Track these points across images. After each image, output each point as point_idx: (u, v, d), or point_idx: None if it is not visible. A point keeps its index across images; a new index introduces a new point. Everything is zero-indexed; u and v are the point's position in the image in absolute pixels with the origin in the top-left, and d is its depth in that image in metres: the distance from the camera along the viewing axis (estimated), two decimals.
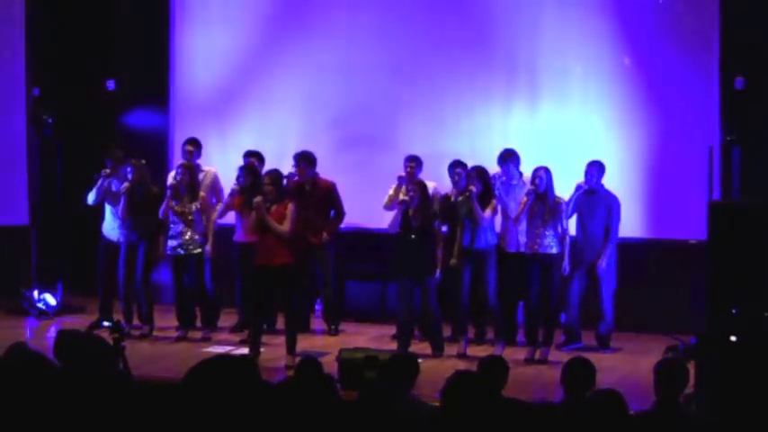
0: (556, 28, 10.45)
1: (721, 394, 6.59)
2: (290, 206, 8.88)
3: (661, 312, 9.98)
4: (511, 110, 10.61)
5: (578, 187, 9.34)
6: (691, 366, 5.87)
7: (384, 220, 9.59)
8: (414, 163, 9.81)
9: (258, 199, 8.75)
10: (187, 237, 9.69)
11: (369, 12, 11.11)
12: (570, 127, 10.40)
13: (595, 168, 9.26)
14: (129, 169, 9.77)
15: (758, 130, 9.84)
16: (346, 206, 10.22)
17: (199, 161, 10.27)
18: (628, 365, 8.76)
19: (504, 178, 9.48)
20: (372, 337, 9.80)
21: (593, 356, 6.27)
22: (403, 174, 9.81)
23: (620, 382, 7.45)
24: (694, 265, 9.35)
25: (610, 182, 9.60)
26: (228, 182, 9.86)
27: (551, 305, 9.01)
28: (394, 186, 9.88)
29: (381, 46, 11.04)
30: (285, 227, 8.71)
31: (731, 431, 5.65)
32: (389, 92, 10.99)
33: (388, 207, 9.82)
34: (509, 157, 9.45)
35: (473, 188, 8.93)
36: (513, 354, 8.79)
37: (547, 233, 8.91)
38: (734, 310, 6.96)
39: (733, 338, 6.84)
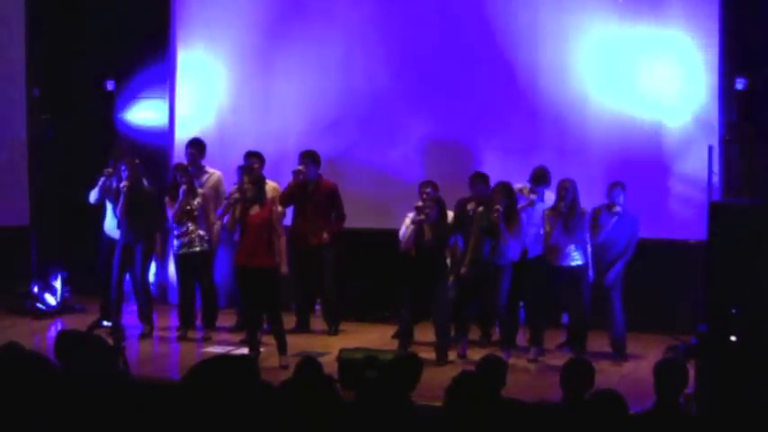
0: (556, 28, 10.44)
1: (721, 394, 6.59)
2: (274, 208, 8.84)
3: (661, 312, 9.98)
4: (511, 111, 10.60)
5: (617, 214, 9.11)
6: (691, 366, 5.86)
7: (383, 220, 9.59)
8: (428, 188, 9.30)
9: (235, 195, 8.73)
10: (193, 235, 9.71)
11: (369, 12, 11.10)
12: (569, 128, 10.39)
13: (619, 189, 9.14)
14: (122, 167, 9.74)
15: (758, 130, 9.83)
16: (346, 206, 10.21)
17: (203, 162, 10.26)
18: (628, 365, 8.76)
19: (533, 196, 9.39)
20: (372, 337, 9.79)
21: (592, 357, 6.28)
22: (420, 203, 9.08)
23: (620, 382, 7.47)
24: (694, 265, 9.35)
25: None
26: (230, 183, 9.86)
27: (585, 314, 8.99)
28: (410, 216, 9.19)
29: (382, 46, 11.03)
30: (281, 235, 8.69)
31: (731, 431, 5.65)
32: (390, 92, 10.98)
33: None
34: (542, 179, 9.39)
35: (499, 207, 8.85)
36: (514, 355, 8.81)
37: (572, 245, 8.90)
38: (734, 310, 6.96)
39: (733, 338, 6.84)
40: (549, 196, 9.36)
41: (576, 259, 8.94)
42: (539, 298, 9.16)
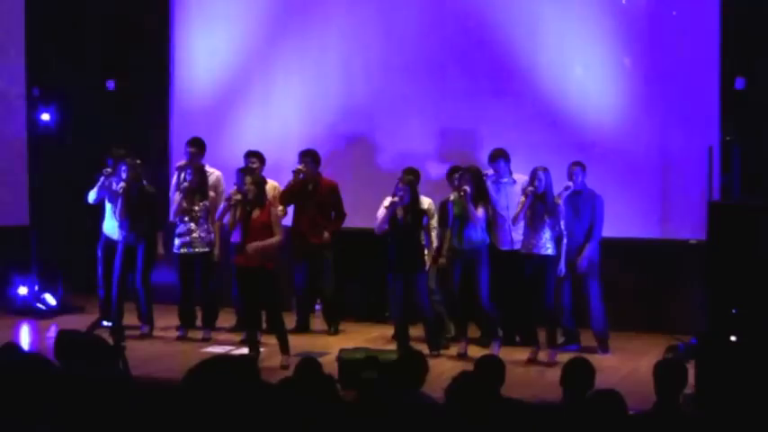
0: (556, 27, 10.42)
1: (721, 394, 6.59)
2: (273, 210, 8.81)
3: (661, 312, 9.98)
4: (511, 110, 10.58)
5: (567, 189, 9.21)
6: (691, 366, 5.86)
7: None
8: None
9: (236, 196, 8.70)
10: (195, 235, 9.71)
11: (369, 11, 11.10)
12: (569, 127, 10.38)
13: (579, 169, 9.22)
14: (123, 168, 9.72)
15: (758, 130, 9.83)
16: (347, 206, 10.22)
17: (203, 161, 10.25)
18: (628, 365, 8.75)
19: (490, 173, 9.47)
20: (372, 337, 9.80)
21: (592, 357, 6.26)
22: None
23: (620, 382, 7.45)
24: (694, 265, 9.35)
25: (610, 182, 9.60)
26: (229, 183, 9.85)
27: (550, 306, 8.99)
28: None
29: (382, 46, 11.02)
30: (277, 236, 8.67)
31: (731, 431, 5.64)
32: (390, 92, 10.97)
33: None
34: (499, 156, 9.48)
35: (467, 188, 8.91)
36: (514, 354, 8.80)
37: (543, 234, 8.89)
38: (734, 310, 6.96)
39: (733, 338, 6.84)
40: (521, 178, 9.40)
41: (546, 248, 8.89)
42: (531, 295, 9.14)
